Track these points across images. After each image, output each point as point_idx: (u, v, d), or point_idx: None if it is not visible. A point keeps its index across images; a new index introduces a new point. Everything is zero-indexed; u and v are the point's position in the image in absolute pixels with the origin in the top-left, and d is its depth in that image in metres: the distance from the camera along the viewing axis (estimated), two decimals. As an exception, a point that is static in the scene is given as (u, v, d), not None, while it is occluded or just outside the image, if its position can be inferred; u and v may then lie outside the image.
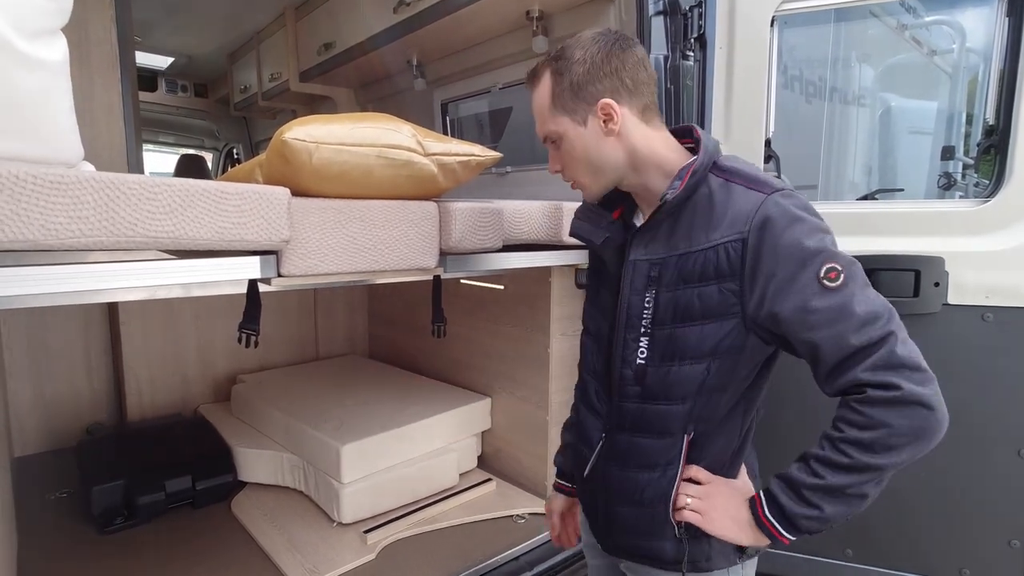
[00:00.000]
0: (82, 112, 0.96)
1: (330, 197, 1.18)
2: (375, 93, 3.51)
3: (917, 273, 1.50)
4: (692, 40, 1.73)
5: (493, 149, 1.40)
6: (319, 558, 1.66)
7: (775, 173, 1.77)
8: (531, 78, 1.09)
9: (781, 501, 0.93)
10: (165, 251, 0.99)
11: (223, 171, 5.65)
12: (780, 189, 0.97)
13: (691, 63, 1.74)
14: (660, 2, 1.75)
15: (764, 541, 0.97)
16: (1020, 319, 1.43)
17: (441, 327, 1.53)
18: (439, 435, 2.10)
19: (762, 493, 0.97)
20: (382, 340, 3.15)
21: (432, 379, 2.57)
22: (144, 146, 4.12)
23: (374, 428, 1.95)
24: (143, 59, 4.32)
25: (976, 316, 1.47)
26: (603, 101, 1.01)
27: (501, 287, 2.16)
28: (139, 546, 1.74)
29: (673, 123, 1.55)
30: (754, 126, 1.71)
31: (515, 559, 1.73)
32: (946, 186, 2.31)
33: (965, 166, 2.36)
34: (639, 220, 1.13)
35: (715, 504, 1.02)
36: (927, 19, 2.64)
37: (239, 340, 1.17)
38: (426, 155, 1.25)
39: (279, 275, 1.12)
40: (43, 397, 2.37)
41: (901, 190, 2.41)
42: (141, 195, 0.89)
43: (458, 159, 1.31)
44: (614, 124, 1.02)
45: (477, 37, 2.56)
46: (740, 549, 1.07)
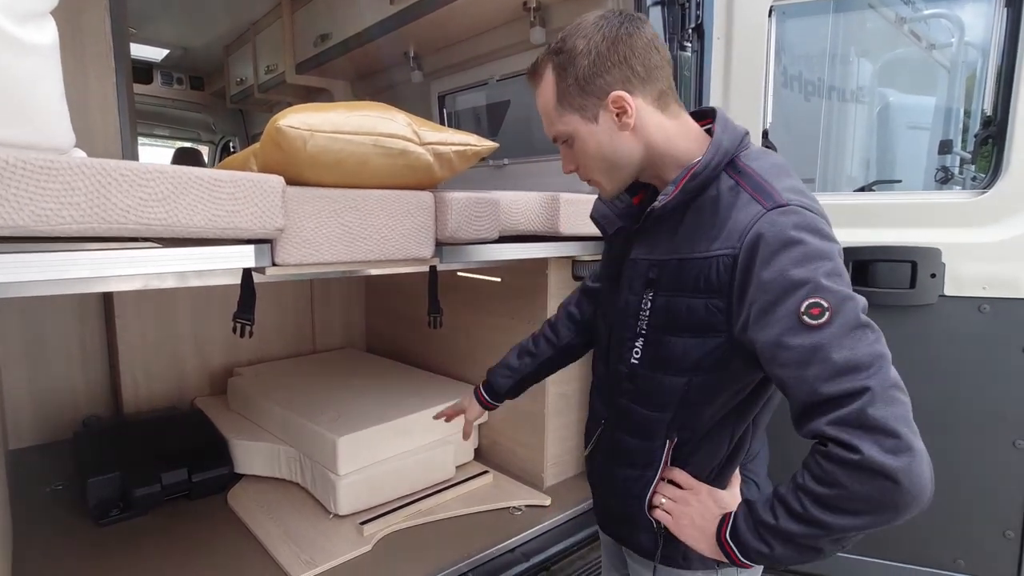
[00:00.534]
0: (75, 104, 0.95)
1: (325, 186, 1.18)
2: (372, 85, 3.49)
3: (914, 264, 1.50)
4: (690, 30, 1.72)
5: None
6: (315, 549, 1.66)
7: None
8: (532, 75, 1.00)
9: (740, 528, 0.88)
10: (158, 239, 0.98)
11: (219, 165, 5.62)
12: (782, 204, 0.85)
13: (689, 54, 1.73)
14: (658, -9, 1.75)
15: (723, 559, 0.92)
16: (1016, 310, 1.43)
17: (437, 318, 1.53)
18: (435, 427, 2.09)
19: (732, 514, 0.92)
20: (379, 333, 3.14)
21: (429, 372, 2.56)
22: (139, 139, 4.10)
23: (370, 420, 1.95)
24: (138, 51, 4.30)
25: (973, 307, 1.47)
26: (614, 94, 0.92)
27: (498, 279, 2.16)
28: (135, 538, 1.74)
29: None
30: (752, 117, 1.70)
31: (511, 551, 1.73)
32: (943, 180, 2.30)
33: (963, 160, 2.35)
34: None
35: (687, 511, 0.99)
36: (926, 12, 2.63)
37: (234, 330, 1.17)
38: (422, 144, 1.25)
39: (273, 264, 1.11)
40: (38, 390, 2.36)
41: (899, 181, 2.40)
42: (133, 181, 0.88)
43: (454, 148, 1.30)
44: (628, 117, 0.93)
45: (474, 28, 2.55)
46: None
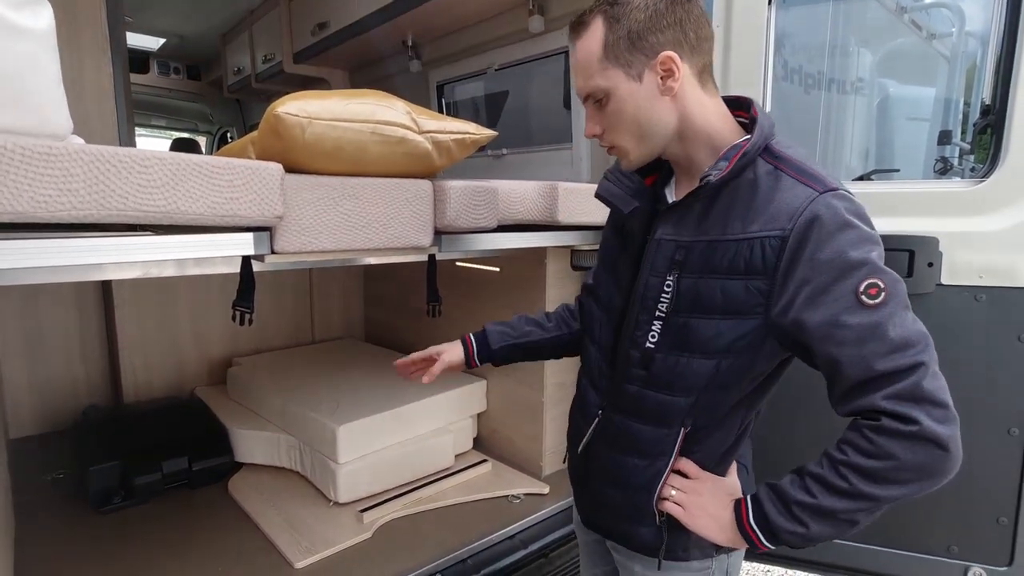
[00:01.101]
0: (72, 93, 0.94)
1: (323, 174, 1.17)
2: (370, 75, 3.47)
3: (911, 253, 1.50)
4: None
5: None
6: (316, 537, 1.68)
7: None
8: (576, 26, 0.95)
9: (768, 512, 0.88)
10: (157, 226, 0.98)
11: (217, 155, 5.60)
12: (834, 188, 0.87)
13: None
14: (657, -20, 1.73)
15: (742, 545, 0.93)
16: (1013, 299, 1.44)
17: (436, 307, 1.53)
18: (435, 416, 2.10)
19: (749, 499, 0.92)
20: (378, 324, 3.15)
21: (428, 362, 2.57)
22: (136, 130, 4.08)
23: (370, 409, 1.95)
24: (134, 40, 4.26)
25: (970, 296, 1.48)
26: (665, 54, 0.89)
27: (497, 269, 2.16)
28: (136, 526, 1.75)
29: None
30: (751, 106, 1.70)
31: (510, 538, 1.75)
32: (942, 171, 2.30)
33: (962, 151, 2.35)
34: (671, 192, 1.04)
35: (699, 501, 0.98)
36: (927, 1, 2.62)
37: (233, 318, 1.17)
38: (420, 132, 1.25)
39: (272, 252, 1.11)
40: (38, 379, 2.37)
41: (897, 170, 2.40)
42: (132, 168, 0.88)
43: (453, 137, 1.30)
44: (674, 81, 0.91)
45: (472, 17, 2.54)
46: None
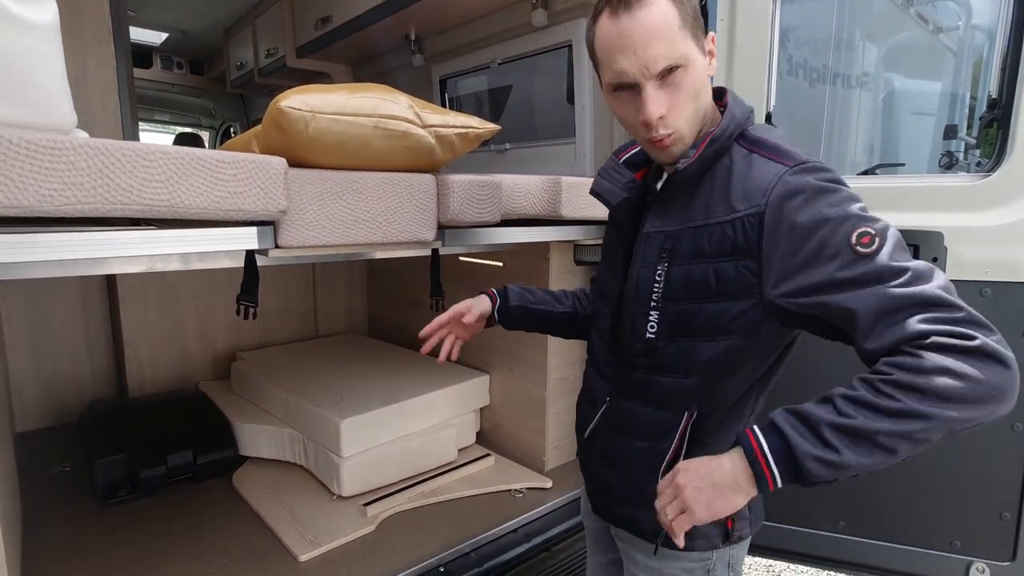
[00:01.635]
0: (76, 88, 0.94)
1: (327, 168, 1.17)
2: (373, 69, 3.46)
3: (916, 248, 1.50)
4: (694, 12, 1.70)
5: None
6: (319, 530, 1.69)
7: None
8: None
9: (788, 435, 0.76)
10: (161, 220, 0.98)
11: (220, 150, 5.60)
12: (804, 162, 0.87)
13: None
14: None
15: (754, 491, 0.80)
16: (1017, 294, 1.43)
17: (440, 301, 1.54)
18: (438, 411, 2.11)
19: (756, 427, 0.80)
20: (381, 319, 3.15)
21: (430, 356, 2.57)
22: (140, 125, 4.08)
23: (373, 403, 1.96)
24: (137, 34, 4.26)
25: (975, 291, 1.47)
26: (712, 34, 0.88)
27: (500, 264, 2.16)
28: (142, 519, 1.76)
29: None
30: (755, 100, 1.69)
31: (513, 531, 1.75)
32: (948, 165, 2.29)
33: (967, 146, 2.33)
34: (660, 185, 1.05)
35: (685, 492, 0.83)
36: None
37: (237, 312, 1.18)
38: (424, 126, 1.24)
39: (276, 246, 1.11)
40: (44, 373, 2.38)
41: (902, 165, 2.39)
42: (136, 162, 0.88)
43: (456, 131, 1.30)
44: (714, 62, 0.89)
45: (475, 11, 2.52)
46: (724, 534, 1.03)
